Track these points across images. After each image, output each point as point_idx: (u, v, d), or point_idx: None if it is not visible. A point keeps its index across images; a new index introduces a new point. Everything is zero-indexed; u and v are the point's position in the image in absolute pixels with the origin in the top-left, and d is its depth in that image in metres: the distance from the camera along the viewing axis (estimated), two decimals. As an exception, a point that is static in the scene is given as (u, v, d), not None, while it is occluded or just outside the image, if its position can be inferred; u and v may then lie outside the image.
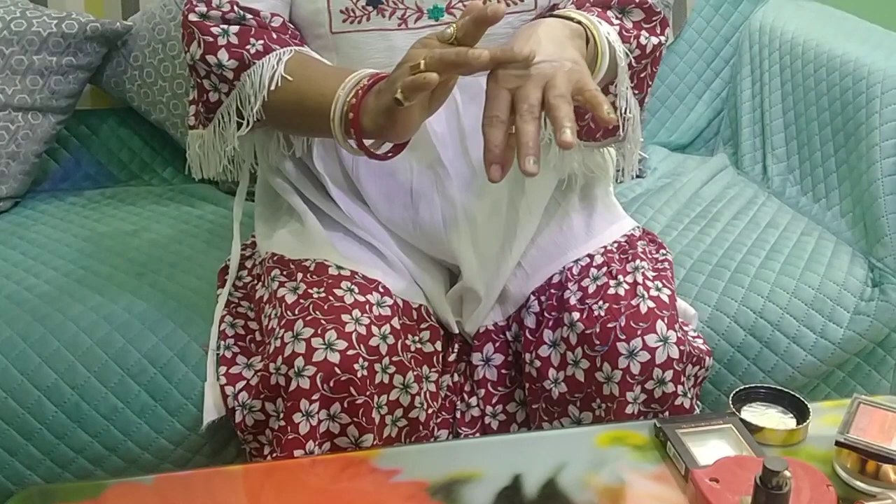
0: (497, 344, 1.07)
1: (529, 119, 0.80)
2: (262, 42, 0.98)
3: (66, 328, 1.11)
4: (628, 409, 0.97)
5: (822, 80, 1.44)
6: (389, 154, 0.92)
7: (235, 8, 0.99)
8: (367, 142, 0.90)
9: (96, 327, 1.11)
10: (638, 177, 1.59)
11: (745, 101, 1.62)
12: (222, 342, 1.06)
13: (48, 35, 1.41)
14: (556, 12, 0.97)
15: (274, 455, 0.95)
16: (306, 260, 1.04)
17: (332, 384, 0.92)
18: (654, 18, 1.02)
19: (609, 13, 0.99)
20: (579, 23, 0.93)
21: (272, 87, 0.97)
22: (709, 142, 1.71)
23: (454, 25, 0.83)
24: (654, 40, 1.02)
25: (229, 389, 0.99)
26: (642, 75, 1.03)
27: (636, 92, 1.03)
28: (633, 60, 0.99)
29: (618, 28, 0.98)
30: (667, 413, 0.98)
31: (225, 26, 0.99)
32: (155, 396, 1.08)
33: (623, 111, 1.00)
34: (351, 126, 0.88)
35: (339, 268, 1.02)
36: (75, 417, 1.08)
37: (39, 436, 1.08)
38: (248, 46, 0.98)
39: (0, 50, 1.39)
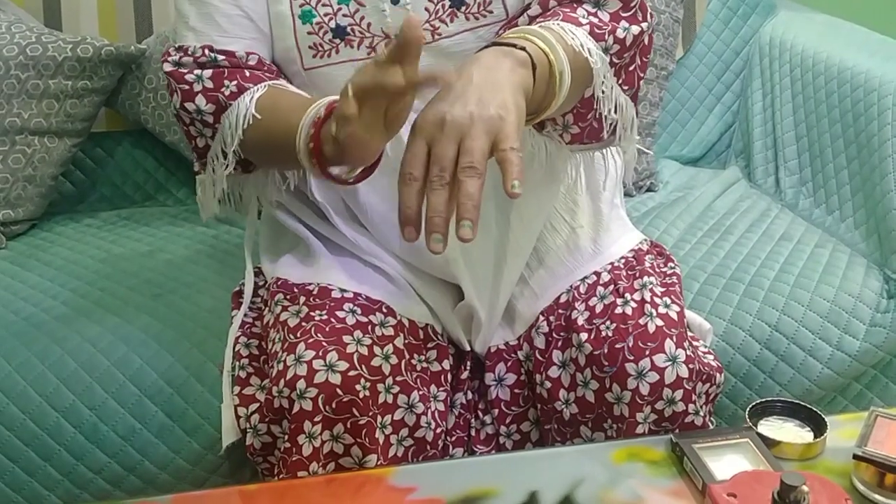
0: (509, 364, 1.07)
1: (438, 187, 0.75)
2: (235, 83, 0.98)
3: (84, 349, 1.11)
4: (638, 430, 0.96)
5: (833, 91, 1.44)
6: (351, 181, 0.89)
7: (207, 52, 1.00)
8: (335, 169, 0.88)
9: (113, 348, 1.12)
10: (649, 190, 1.59)
11: (757, 113, 1.62)
12: (237, 362, 1.06)
13: (63, 59, 1.42)
14: (504, 36, 0.89)
15: (281, 476, 0.94)
16: (310, 284, 1.04)
17: (334, 405, 0.92)
18: (632, 5, 0.96)
19: (580, 10, 0.94)
20: (523, 49, 0.84)
21: (245, 126, 0.97)
22: (720, 155, 1.71)
23: (386, 49, 0.76)
24: (635, 29, 0.95)
25: (242, 411, 0.99)
26: (630, 68, 0.98)
27: (625, 88, 0.98)
28: (613, 57, 0.95)
29: (588, 27, 0.93)
30: (678, 431, 0.97)
31: (199, 71, 0.99)
32: (172, 417, 1.09)
33: (610, 112, 0.96)
34: (313, 156, 0.87)
35: (342, 290, 1.02)
36: (93, 438, 1.09)
37: (58, 457, 1.08)
38: (222, 89, 0.99)
39: (16, 74, 1.41)
